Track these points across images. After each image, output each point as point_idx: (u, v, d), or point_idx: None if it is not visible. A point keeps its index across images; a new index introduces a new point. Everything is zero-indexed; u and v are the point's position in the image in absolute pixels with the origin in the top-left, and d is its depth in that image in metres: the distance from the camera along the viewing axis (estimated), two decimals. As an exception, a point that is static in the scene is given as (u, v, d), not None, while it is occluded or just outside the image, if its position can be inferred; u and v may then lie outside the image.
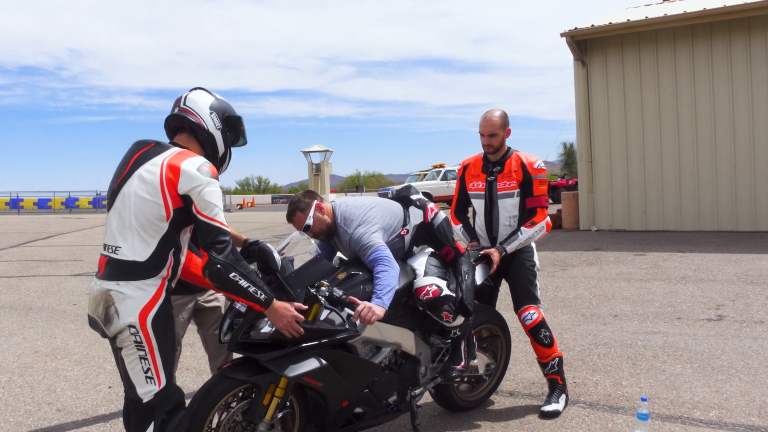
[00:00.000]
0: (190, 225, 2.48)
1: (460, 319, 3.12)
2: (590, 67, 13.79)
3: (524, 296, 3.63)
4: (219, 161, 2.66)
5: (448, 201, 18.26)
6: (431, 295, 3.03)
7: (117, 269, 2.36)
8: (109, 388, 4.31)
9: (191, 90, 2.66)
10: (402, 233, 3.21)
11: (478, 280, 3.49)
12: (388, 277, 2.85)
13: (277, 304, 2.44)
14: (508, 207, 3.64)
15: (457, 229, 3.85)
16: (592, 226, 13.85)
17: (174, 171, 2.36)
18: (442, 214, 3.31)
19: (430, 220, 3.26)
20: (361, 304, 2.70)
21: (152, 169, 2.40)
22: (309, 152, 26.00)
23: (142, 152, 2.47)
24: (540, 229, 3.62)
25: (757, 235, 11.53)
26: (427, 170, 29.95)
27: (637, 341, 4.97)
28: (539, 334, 3.58)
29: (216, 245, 2.32)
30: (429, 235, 3.28)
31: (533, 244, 3.75)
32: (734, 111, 12.44)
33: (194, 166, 2.37)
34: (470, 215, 3.92)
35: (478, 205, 3.77)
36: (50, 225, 21.92)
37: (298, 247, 2.82)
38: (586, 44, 13.75)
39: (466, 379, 3.55)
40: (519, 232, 3.59)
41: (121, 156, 2.54)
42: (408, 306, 3.14)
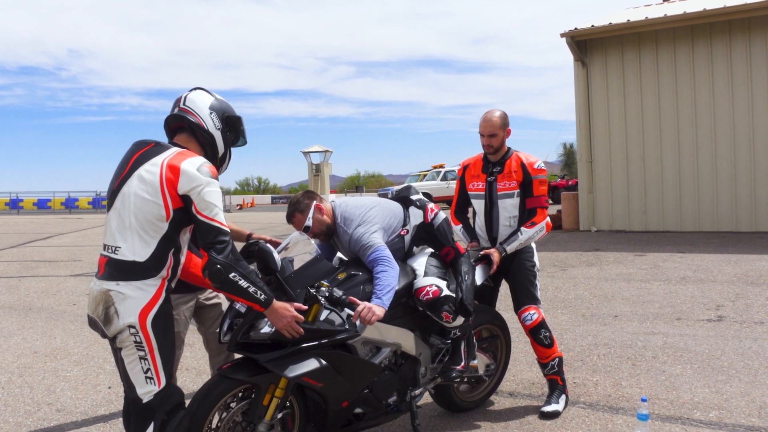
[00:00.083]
0: (189, 225, 2.48)
1: (460, 320, 3.12)
2: (590, 68, 13.79)
3: (524, 297, 3.63)
4: (219, 161, 2.66)
5: (447, 201, 18.26)
6: (431, 296, 3.03)
7: (117, 269, 2.36)
8: (109, 388, 4.30)
9: (191, 90, 2.66)
10: (402, 233, 3.21)
11: (478, 280, 3.49)
12: (388, 278, 2.85)
13: (277, 304, 2.43)
14: (508, 207, 3.64)
15: (457, 229, 3.85)
16: (592, 226, 13.84)
17: (174, 171, 2.36)
18: (442, 215, 3.31)
19: (430, 221, 3.26)
20: (361, 305, 2.70)
21: (152, 169, 2.39)
22: (309, 152, 26.00)
23: (141, 152, 2.47)
24: (540, 230, 3.62)
25: (756, 236, 11.53)
26: (427, 171, 29.95)
27: (637, 342, 4.97)
28: (539, 334, 3.57)
29: (216, 245, 2.32)
30: (429, 235, 3.27)
31: (533, 245, 3.75)
32: (734, 111, 12.44)
33: (194, 166, 2.37)
34: (470, 215, 3.92)
35: (478, 205, 3.77)
36: (50, 225, 21.93)
37: (298, 248, 2.82)
38: (586, 44, 13.75)
39: (466, 379, 3.56)
40: (519, 233, 3.59)
41: (121, 156, 2.54)
42: (408, 306, 3.14)
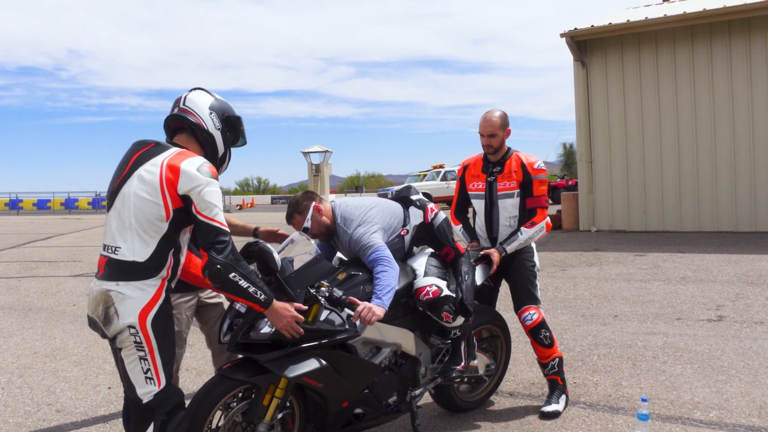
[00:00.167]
0: (189, 225, 2.48)
1: (460, 320, 3.12)
2: (590, 68, 13.79)
3: (524, 297, 3.63)
4: (219, 161, 2.66)
5: (447, 201, 18.27)
6: (431, 296, 3.02)
7: (116, 269, 2.36)
8: (109, 388, 4.30)
9: (191, 90, 2.66)
10: (402, 233, 3.20)
11: (478, 280, 3.49)
12: (388, 278, 2.85)
13: (277, 304, 2.43)
14: (508, 207, 3.64)
15: (457, 229, 3.85)
16: (592, 226, 13.85)
17: (174, 171, 2.36)
18: (442, 215, 3.31)
19: (430, 221, 3.26)
20: (361, 305, 2.70)
21: (152, 170, 2.39)
22: (308, 153, 26.01)
23: (141, 152, 2.47)
24: (540, 230, 3.62)
25: (756, 236, 11.54)
26: (427, 171, 29.96)
27: (637, 342, 4.96)
28: (539, 334, 3.57)
29: (216, 245, 2.32)
30: (429, 235, 3.27)
31: (533, 245, 3.75)
32: (734, 111, 12.44)
33: (194, 166, 2.37)
34: (470, 215, 3.92)
35: (478, 205, 3.77)
36: (49, 226, 21.92)
37: (298, 248, 2.81)
38: (586, 45, 13.75)
39: (466, 379, 3.55)
40: (519, 233, 3.59)
41: (121, 156, 2.54)
42: (408, 306, 3.14)
